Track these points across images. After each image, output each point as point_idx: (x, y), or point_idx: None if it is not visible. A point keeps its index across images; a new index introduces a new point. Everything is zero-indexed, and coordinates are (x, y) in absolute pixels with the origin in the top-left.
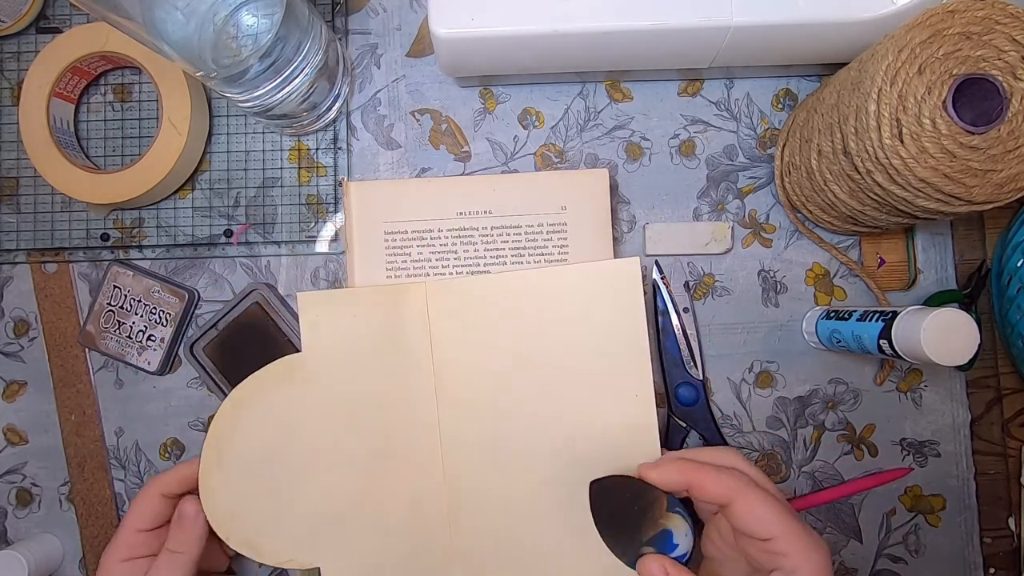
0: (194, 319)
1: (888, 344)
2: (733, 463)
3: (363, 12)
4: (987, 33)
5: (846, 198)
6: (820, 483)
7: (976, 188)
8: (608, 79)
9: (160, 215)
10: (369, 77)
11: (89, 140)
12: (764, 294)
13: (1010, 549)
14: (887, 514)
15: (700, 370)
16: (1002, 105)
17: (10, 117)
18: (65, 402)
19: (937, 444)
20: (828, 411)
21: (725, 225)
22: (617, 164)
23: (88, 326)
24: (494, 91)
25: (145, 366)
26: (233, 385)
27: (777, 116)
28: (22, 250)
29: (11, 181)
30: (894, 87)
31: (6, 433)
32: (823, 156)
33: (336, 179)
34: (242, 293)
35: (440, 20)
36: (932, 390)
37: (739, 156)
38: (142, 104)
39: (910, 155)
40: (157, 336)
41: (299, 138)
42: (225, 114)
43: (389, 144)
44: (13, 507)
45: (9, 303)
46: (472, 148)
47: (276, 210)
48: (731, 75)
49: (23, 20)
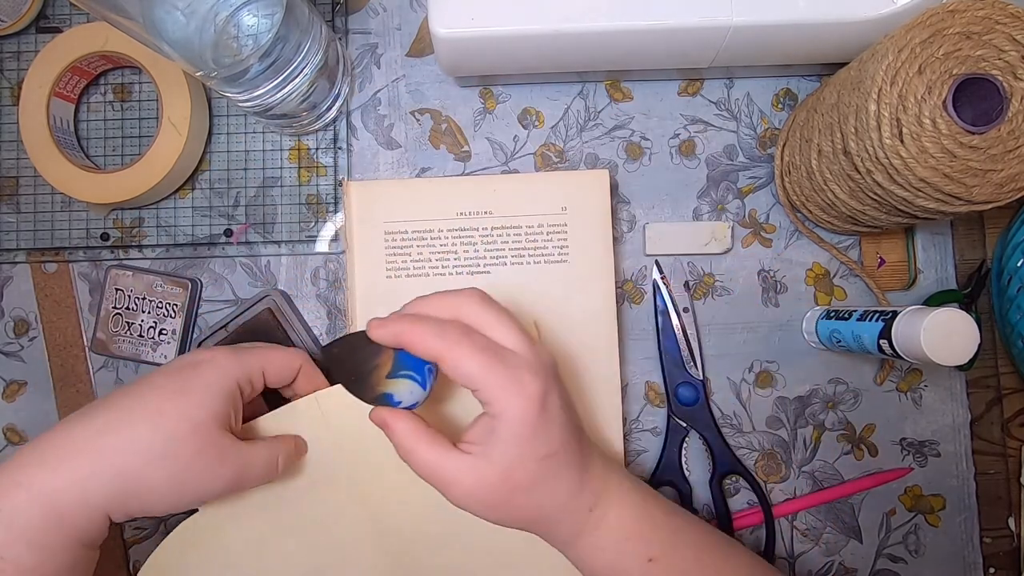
0: (202, 318)
1: (888, 344)
2: (455, 312)
3: (363, 12)
4: (987, 33)
5: (846, 198)
6: (820, 483)
7: (976, 188)
8: (608, 79)
9: (160, 215)
10: (369, 77)
11: (89, 140)
12: (764, 294)
13: (1010, 549)
14: (887, 514)
15: (700, 370)
16: (1002, 105)
17: (10, 117)
18: (65, 402)
19: (937, 444)
20: (828, 411)
21: (725, 225)
22: (617, 164)
23: (98, 333)
24: (494, 91)
25: (162, 361)
26: None
27: (777, 116)
28: (22, 250)
29: (11, 181)
30: (894, 87)
31: (6, 433)
32: (823, 156)
33: (336, 179)
34: (255, 297)
35: (440, 20)
36: (932, 390)
37: (739, 156)
38: (142, 104)
39: (910, 155)
40: (168, 329)
41: (299, 138)
42: (225, 114)
43: (389, 144)
44: None
45: (9, 303)
46: (472, 148)
47: (276, 210)
48: (731, 75)
49: (23, 20)
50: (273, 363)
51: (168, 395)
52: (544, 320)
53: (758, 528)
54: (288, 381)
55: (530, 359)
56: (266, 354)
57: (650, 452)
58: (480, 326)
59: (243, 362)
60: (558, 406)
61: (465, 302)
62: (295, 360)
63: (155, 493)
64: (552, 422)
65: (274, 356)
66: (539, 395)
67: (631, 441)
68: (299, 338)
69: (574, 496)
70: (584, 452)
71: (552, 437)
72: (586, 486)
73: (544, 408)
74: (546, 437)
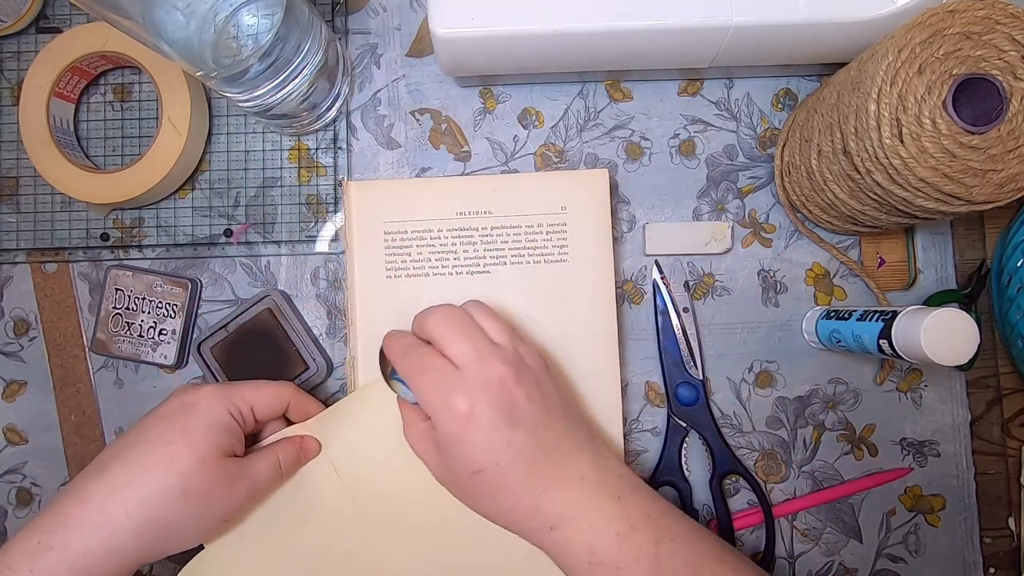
0: (202, 318)
1: (888, 344)
2: (421, 329)
3: (363, 12)
4: (987, 33)
5: (846, 198)
6: (820, 483)
7: (976, 188)
8: (608, 79)
9: (160, 215)
10: (369, 77)
11: (89, 140)
12: (764, 294)
13: (1010, 549)
14: (887, 514)
15: (700, 370)
16: (1002, 105)
17: (10, 117)
18: (65, 402)
19: (937, 444)
20: (828, 411)
21: (725, 225)
22: (617, 164)
23: (98, 334)
24: (494, 91)
25: (162, 361)
26: None
27: (777, 116)
28: (22, 250)
29: (11, 181)
30: (894, 87)
31: (6, 433)
32: (823, 156)
33: (336, 179)
34: (255, 297)
35: (440, 20)
36: (932, 390)
37: (739, 156)
38: (142, 104)
39: (910, 155)
40: (168, 329)
41: (299, 138)
42: (225, 114)
43: (389, 144)
44: (13, 507)
45: (9, 303)
46: (472, 148)
47: (276, 210)
48: (731, 75)
49: (23, 20)
50: (261, 397)
51: (174, 439)
52: (544, 320)
53: (758, 528)
54: (279, 413)
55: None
56: (253, 388)
57: (650, 452)
58: (438, 341)
59: (229, 394)
60: (490, 425)
61: (429, 320)
62: (283, 392)
63: (183, 530)
64: (480, 441)
65: (261, 389)
66: (463, 414)
67: (631, 441)
68: (299, 338)
69: (525, 515)
70: (545, 468)
71: (479, 456)
72: (542, 507)
73: (469, 426)
74: (472, 455)
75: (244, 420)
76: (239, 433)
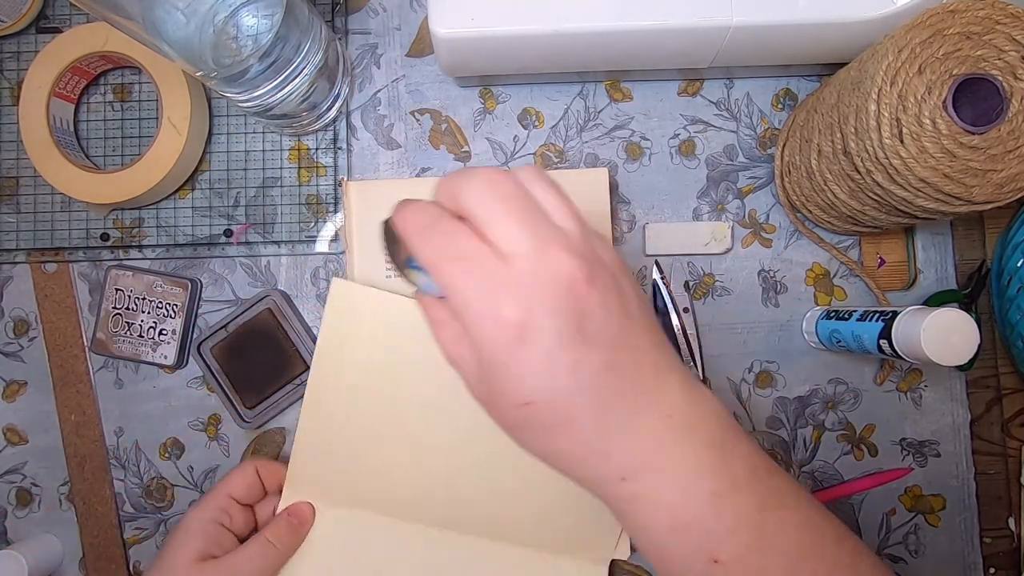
0: (202, 318)
1: (888, 344)
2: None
3: (363, 12)
4: (987, 33)
5: (846, 198)
6: (820, 483)
7: (976, 188)
8: (608, 79)
9: (160, 215)
10: (369, 77)
11: (89, 140)
12: (764, 294)
13: (1010, 549)
14: (887, 514)
15: (700, 370)
16: (1002, 105)
17: (10, 117)
18: (65, 402)
19: (937, 444)
20: (828, 411)
21: (725, 225)
22: (617, 164)
23: (98, 333)
24: (494, 91)
25: (162, 361)
26: (236, 387)
27: (777, 116)
28: (22, 250)
29: (11, 181)
30: (894, 87)
31: (6, 433)
32: (823, 156)
33: (336, 179)
34: (255, 297)
35: (440, 20)
36: (932, 390)
37: (739, 156)
38: (142, 104)
39: (910, 155)
40: (168, 329)
41: (299, 138)
42: (225, 114)
43: (389, 144)
44: (13, 507)
45: (9, 303)
46: (472, 148)
47: (276, 210)
48: (731, 75)
49: (23, 20)
50: (235, 485)
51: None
52: None
53: None
54: (258, 489)
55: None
56: (225, 481)
57: None
58: (479, 217)
59: (208, 499)
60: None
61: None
62: (247, 470)
63: None
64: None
65: (230, 479)
66: (513, 324)
67: None
68: (299, 338)
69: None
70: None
71: (534, 382)
72: (612, 452)
73: (522, 342)
74: (523, 381)
75: (230, 515)
76: (216, 534)
